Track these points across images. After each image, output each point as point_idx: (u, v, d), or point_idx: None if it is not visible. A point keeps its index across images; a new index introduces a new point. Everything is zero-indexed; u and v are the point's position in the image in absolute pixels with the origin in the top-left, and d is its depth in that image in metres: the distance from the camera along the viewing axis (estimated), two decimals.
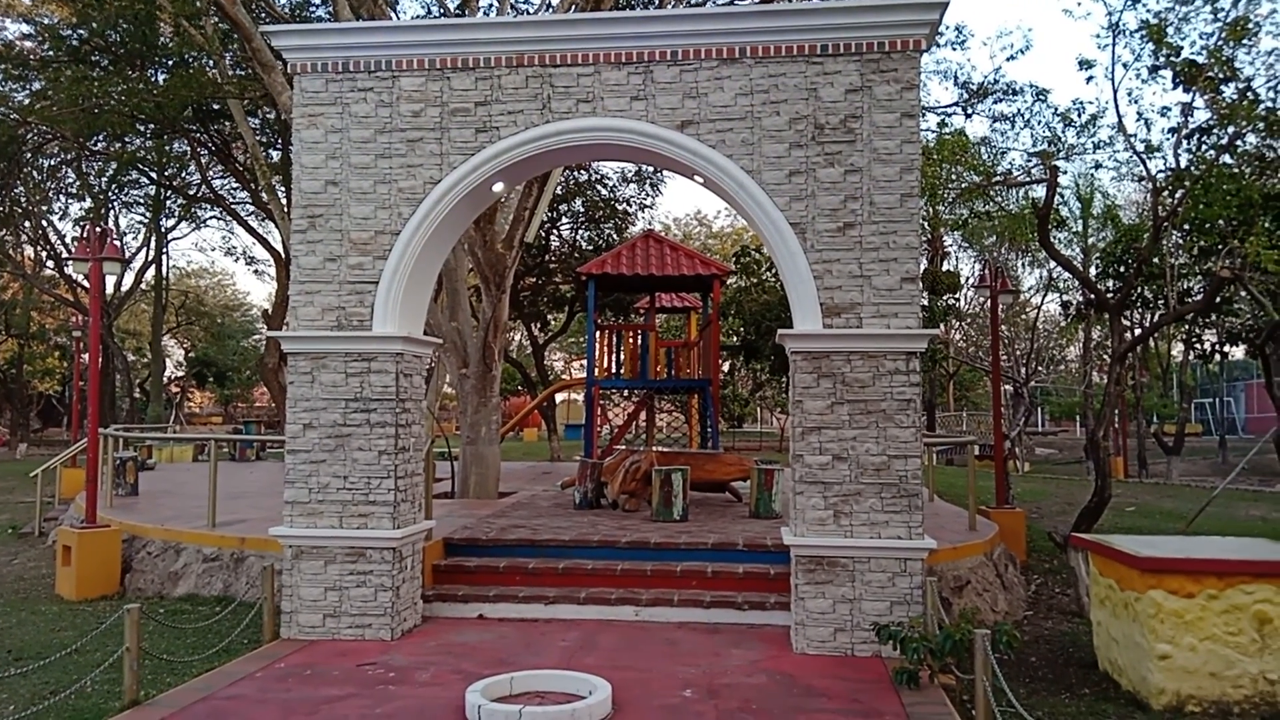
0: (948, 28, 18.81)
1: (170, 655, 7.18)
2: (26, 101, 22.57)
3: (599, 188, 26.99)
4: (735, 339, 24.99)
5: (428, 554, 8.69)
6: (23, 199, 29.56)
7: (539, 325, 31.72)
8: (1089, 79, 15.25)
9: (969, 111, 18.86)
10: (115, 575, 10.11)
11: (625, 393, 22.86)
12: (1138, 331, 21.64)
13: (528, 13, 20.37)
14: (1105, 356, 27.25)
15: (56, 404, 48.76)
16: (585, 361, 19.10)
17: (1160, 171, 11.85)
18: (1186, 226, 12.57)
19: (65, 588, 9.94)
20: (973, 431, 31.70)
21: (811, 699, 6.18)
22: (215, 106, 22.06)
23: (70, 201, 32.02)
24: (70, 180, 30.32)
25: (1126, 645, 6.71)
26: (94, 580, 9.88)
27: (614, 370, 16.74)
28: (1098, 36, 18.76)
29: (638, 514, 11.36)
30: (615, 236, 27.00)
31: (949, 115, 19.14)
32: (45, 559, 12.02)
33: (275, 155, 23.70)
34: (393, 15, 15.79)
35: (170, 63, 22.91)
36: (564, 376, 44.00)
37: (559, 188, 22.79)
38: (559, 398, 33.68)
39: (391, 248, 7.87)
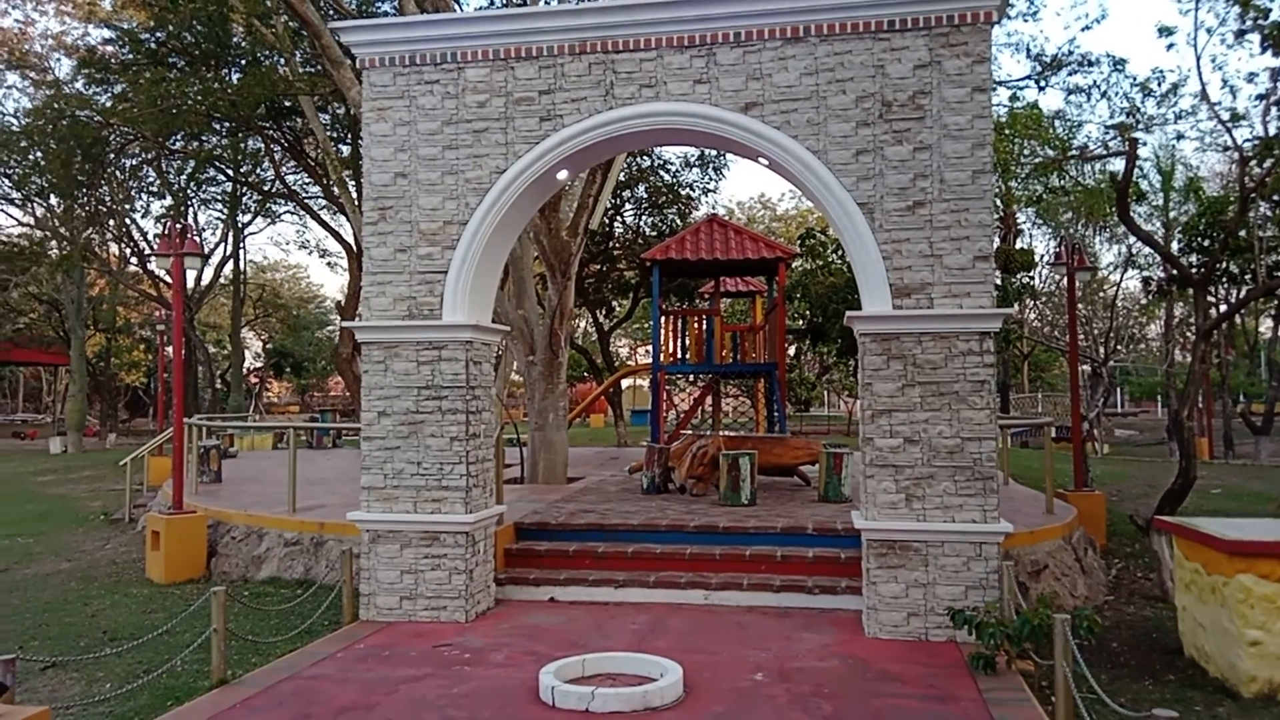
0: None
1: (255, 636, 7.43)
2: (109, 104, 23.39)
3: (662, 173, 26.93)
4: (801, 322, 24.76)
5: (499, 538, 8.83)
6: (107, 198, 30.68)
7: (604, 312, 31.86)
8: (1169, 46, 14.72)
9: (1042, 84, 18.28)
10: (201, 559, 10.49)
11: (691, 378, 22.84)
12: (1223, 307, 20.88)
13: None
14: (1188, 334, 26.35)
15: (143, 395, 50.72)
16: (651, 347, 19.13)
17: (1247, 140, 11.40)
18: (1276, 197, 12.07)
19: (155, 571, 10.35)
20: (1049, 413, 30.94)
21: (885, 683, 6.12)
22: (287, 104, 22.58)
23: (151, 200, 33.18)
24: (151, 179, 31.38)
25: (1214, 631, 6.50)
26: (182, 564, 10.26)
27: (679, 355, 16.74)
28: (1179, 1, 18.06)
29: (705, 498, 11.37)
30: (679, 221, 26.94)
31: (1021, 89, 18.63)
32: (135, 544, 12.52)
33: (345, 150, 24.19)
34: (456, 7, 15.95)
35: (243, 62, 23.52)
36: (629, 362, 44.17)
37: (622, 174, 22.82)
38: (625, 383, 33.83)
39: (459, 237, 7.97)
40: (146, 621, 8.32)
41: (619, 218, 27.75)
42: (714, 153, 25.69)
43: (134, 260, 35.44)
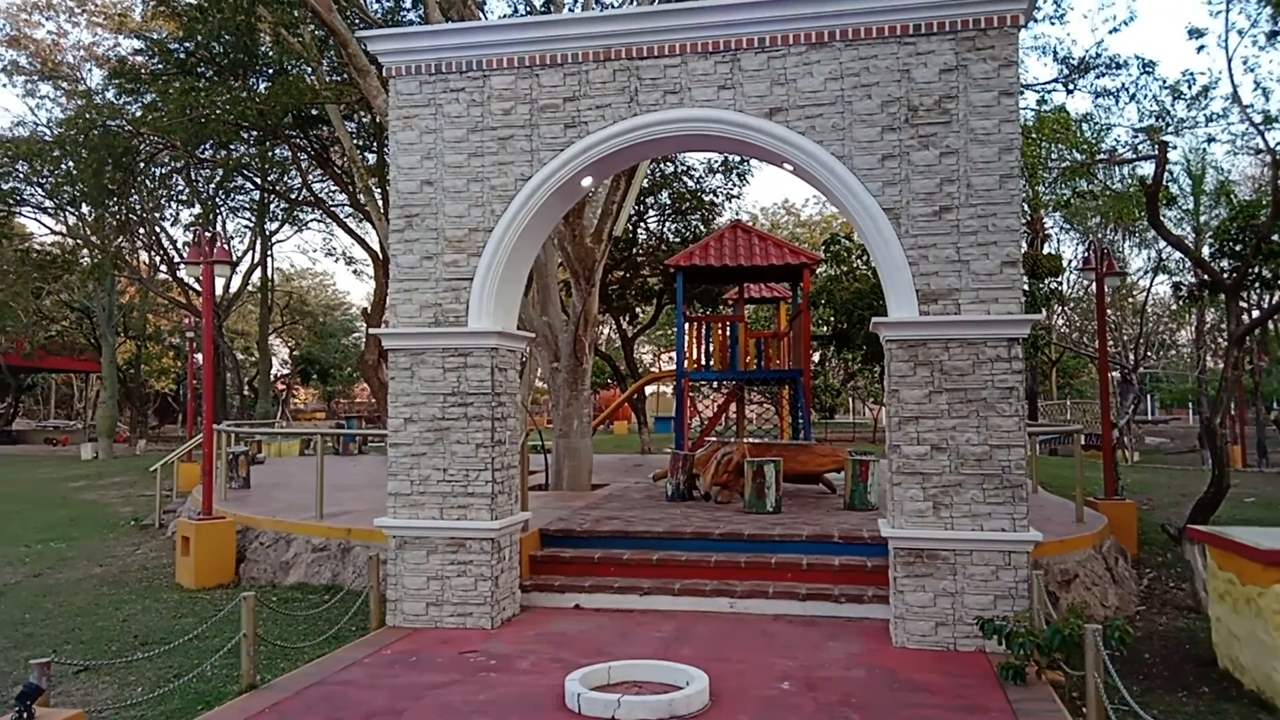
0: (1045, 1, 18.14)
1: (283, 641, 7.48)
2: (139, 114, 23.71)
3: (685, 179, 26.91)
4: (826, 328, 24.67)
5: (524, 545, 8.84)
6: (137, 207, 31.07)
7: (628, 318, 31.86)
8: (1200, 48, 14.56)
9: (1070, 88, 18.13)
10: (230, 565, 10.57)
11: (715, 384, 22.77)
12: (1256, 313, 20.57)
13: (614, 6, 20.45)
14: (1220, 340, 26.00)
15: (172, 402, 51.27)
16: (674, 354, 19.11)
17: None
18: None
19: (184, 576, 10.44)
20: (1078, 420, 30.59)
21: (914, 694, 6.06)
22: (314, 112, 22.78)
23: (181, 208, 33.55)
24: (180, 188, 31.73)
25: (1249, 642, 6.39)
26: (211, 569, 10.35)
27: (703, 362, 16.69)
28: (1209, 3, 17.85)
29: (730, 506, 11.33)
30: (702, 228, 26.90)
31: (1049, 92, 18.49)
32: (165, 549, 12.64)
33: (371, 158, 24.36)
34: (482, 16, 16.05)
35: (270, 71, 23.76)
36: (653, 369, 44.16)
37: (646, 180, 22.84)
38: (649, 390, 33.82)
39: (485, 244, 8.01)
40: (177, 626, 8.40)
41: (642, 224, 27.76)
42: (738, 158, 25.66)
43: (164, 268, 35.87)
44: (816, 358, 29.01)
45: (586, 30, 7.88)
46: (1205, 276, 13.67)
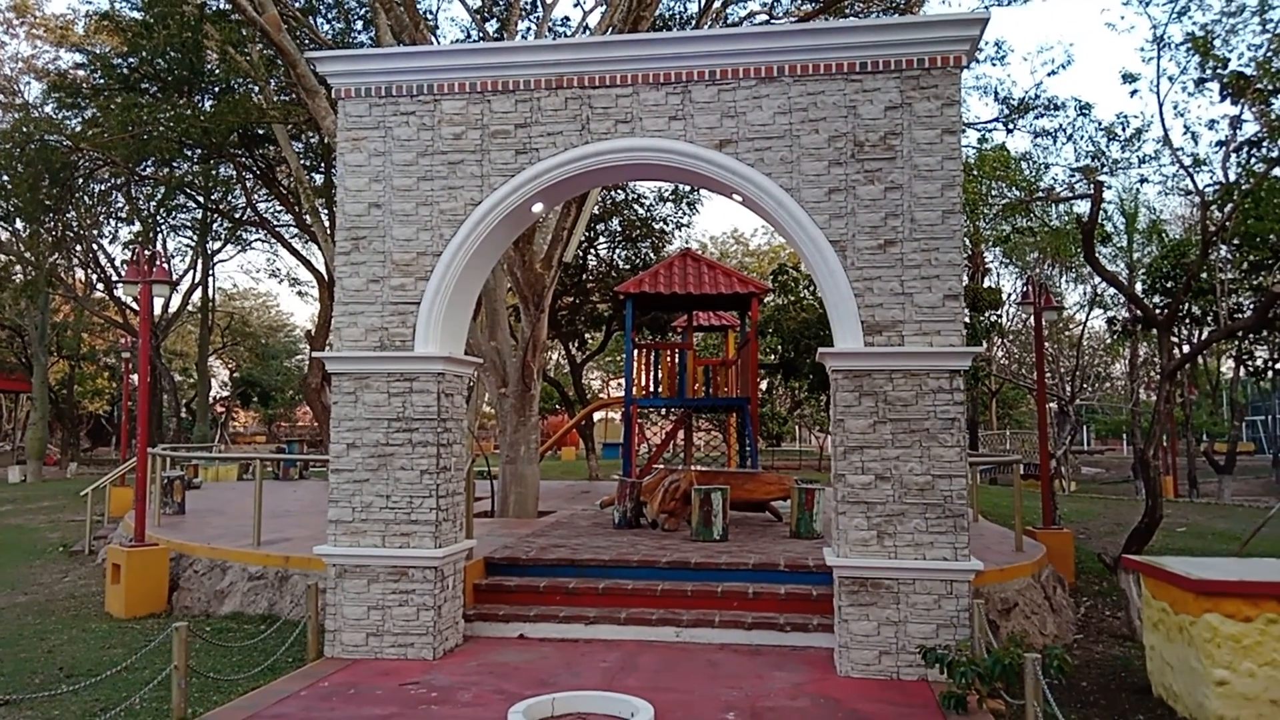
0: (987, 43, 18.71)
1: (216, 673, 7.26)
2: (79, 128, 23.19)
3: (636, 207, 27.08)
4: (773, 357, 24.89)
5: (469, 573, 8.72)
6: (74, 223, 30.28)
7: (577, 344, 31.83)
8: (1133, 93, 15.15)
9: (1010, 127, 18.69)
10: (163, 593, 10.26)
11: (663, 411, 22.82)
12: (1186, 348, 21.23)
13: (566, 35, 20.58)
14: (1153, 374, 26.77)
15: (106, 424, 49.79)
16: (623, 380, 19.12)
17: (1208, 185, 11.68)
18: (1236, 241, 12.35)
19: (115, 605, 10.10)
20: (1017, 450, 31.21)
21: None
22: (260, 131, 22.50)
23: (120, 225, 32.75)
24: (120, 205, 31.00)
25: (1182, 670, 6.54)
26: (142, 598, 10.03)
27: (652, 389, 16.72)
28: (1142, 50, 18.59)
29: (677, 533, 11.31)
30: (652, 255, 27.06)
31: (989, 131, 19.01)
32: (95, 577, 12.23)
33: (318, 179, 24.07)
34: (433, 40, 16.02)
35: (217, 89, 23.44)
36: (602, 395, 44.09)
37: (596, 207, 22.91)
38: (597, 416, 33.75)
39: (433, 269, 7.95)
40: (105, 658, 8.10)
41: (593, 251, 27.84)
42: (688, 188, 25.89)
43: (100, 286, 34.96)
44: (764, 386, 29.26)
45: (539, 58, 7.91)
46: (1138, 312, 14.09)
